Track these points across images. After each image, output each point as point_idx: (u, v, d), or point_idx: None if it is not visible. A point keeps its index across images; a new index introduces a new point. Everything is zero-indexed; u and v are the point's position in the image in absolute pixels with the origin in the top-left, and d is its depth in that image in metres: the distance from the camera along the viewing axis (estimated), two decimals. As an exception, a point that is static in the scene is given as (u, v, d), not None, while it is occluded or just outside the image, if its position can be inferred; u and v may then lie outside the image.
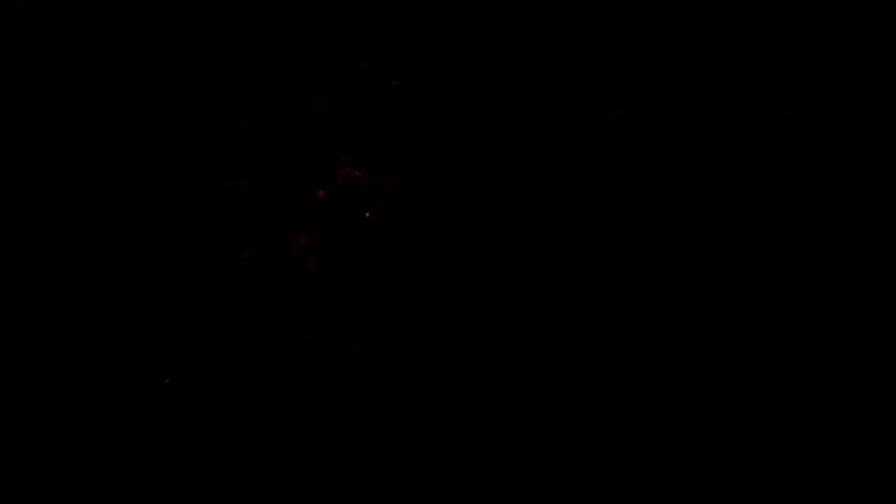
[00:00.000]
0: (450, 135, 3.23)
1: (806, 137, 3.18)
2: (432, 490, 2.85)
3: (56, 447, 2.88)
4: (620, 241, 3.13)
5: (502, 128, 3.24)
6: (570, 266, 3.11)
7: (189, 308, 3.03)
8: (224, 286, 3.06)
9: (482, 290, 3.07)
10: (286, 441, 2.90)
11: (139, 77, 3.25)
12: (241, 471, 2.86)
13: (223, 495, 2.83)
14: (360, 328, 3.02)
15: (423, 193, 3.18)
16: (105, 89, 3.24)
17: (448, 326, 3.03)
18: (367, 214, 3.12)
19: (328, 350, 3.00)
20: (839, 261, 3.04)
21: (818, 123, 3.19)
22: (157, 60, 3.26)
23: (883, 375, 2.92)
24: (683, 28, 3.27)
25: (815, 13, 3.25)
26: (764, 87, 3.23)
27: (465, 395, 2.96)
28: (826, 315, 2.98)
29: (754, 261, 3.08)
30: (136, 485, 2.85)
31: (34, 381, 2.94)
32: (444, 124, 3.24)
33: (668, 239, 3.12)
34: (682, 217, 3.14)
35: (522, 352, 3.01)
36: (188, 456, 2.88)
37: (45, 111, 3.21)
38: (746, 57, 3.25)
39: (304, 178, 3.19)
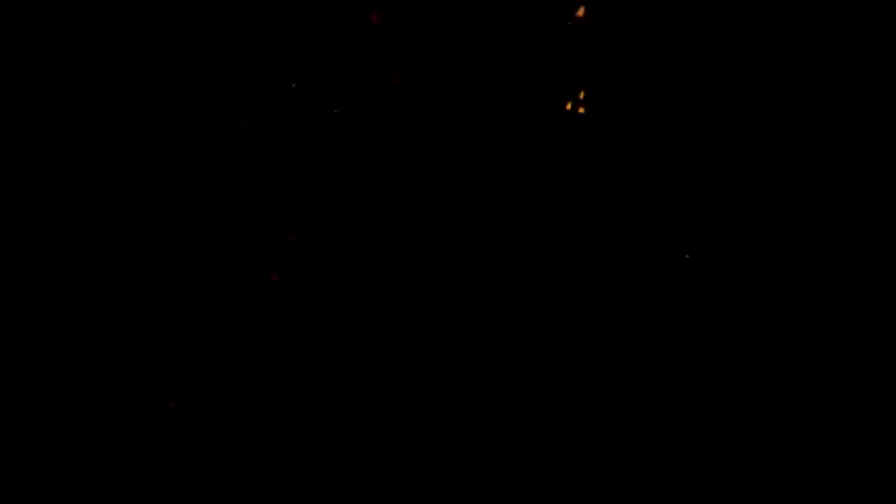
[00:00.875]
0: (450, 134, 3.23)
1: (806, 137, 3.18)
2: (432, 490, 2.85)
3: (54, 447, 2.88)
4: (620, 240, 3.13)
5: (502, 128, 3.24)
6: (570, 266, 3.11)
7: (188, 308, 3.03)
8: (224, 286, 3.06)
9: (482, 290, 3.07)
10: (286, 441, 2.90)
11: (139, 77, 3.25)
12: (242, 470, 2.86)
13: (223, 495, 2.83)
14: (360, 328, 3.02)
15: (423, 193, 3.18)
16: (105, 89, 3.24)
17: (448, 326, 3.03)
18: (371, 209, 3.12)
19: (328, 350, 3.00)
20: (839, 261, 3.04)
21: (818, 123, 3.19)
22: (157, 60, 3.26)
23: (883, 375, 2.92)
24: (683, 28, 3.27)
25: (815, 13, 3.25)
26: (764, 87, 3.23)
27: (465, 395, 2.96)
28: (826, 315, 2.98)
29: (754, 261, 3.08)
30: (135, 484, 2.85)
31: (33, 381, 2.94)
32: (444, 124, 3.24)
33: (668, 239, 3.13)
34: (682, 217, 3.14)
35: (522, 352, 3.01)
36: (187, 455, 2.88)
37: (45, 111, 3.21)
38: (746, 57, 3.26)
39: (304, 178, 3.19)
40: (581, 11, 2.65)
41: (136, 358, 2.97)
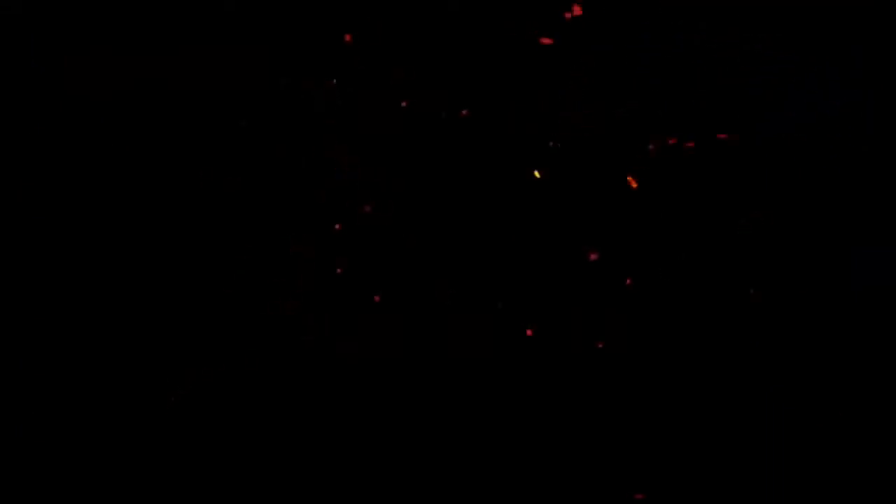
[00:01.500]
0: (450, 134, 3.23)
1: (806, 137, 3.18)
2: (432, 490, 2.85)
3: (54, 447, 2.87)
4: (620, 241, 3.13)
5: (502, 128, 3.24)
6: (571, 266, 3.11)
7: (189, 308, 3.03)
8: (224, 286, 3.06)
9: (482, 290, 3.07)
10: (286, 441, 2.90)
11: (139, 77, 3.25)
12: (242, 470, 2.86)
13: (223, 495, 2.83)
14: (360, 328, 3.02)
15: (423, 193, 3.18)
16: (105, 89, 3.24)
17: (448, 326, 3.03)
18: (367, 212, 3.12)
19: (328, 350, 3.00)
20: (839, 261, 3.04)
21: (818, 123, 3.19)
22: (157, 60, 3.26)
23: (883, 375, 2.92)
24: (683, 28, 3.27)
25: (815, 13, 3.25)
26: (764, 87, 3.23)
27: (465, 395, 2.96)
28: (826, 315, 2.98)
29: (754, 261, 3.08)
30: (135, 484, 2.85)
31: (33, 381, 2.94)
32: (444, 124, 3.24)
33: (668, 239, 3.13)
34: (682, 217, 3.14)
35: (522, 352, 3.01)
36: (188, 455, 2.88)
37: (45, 111, 3.21)
38: (746, 57, 3.26)
39: (304, 178, 3.19)
40: (579, 9, 2.65)
41: (136, 358, 2.97)
